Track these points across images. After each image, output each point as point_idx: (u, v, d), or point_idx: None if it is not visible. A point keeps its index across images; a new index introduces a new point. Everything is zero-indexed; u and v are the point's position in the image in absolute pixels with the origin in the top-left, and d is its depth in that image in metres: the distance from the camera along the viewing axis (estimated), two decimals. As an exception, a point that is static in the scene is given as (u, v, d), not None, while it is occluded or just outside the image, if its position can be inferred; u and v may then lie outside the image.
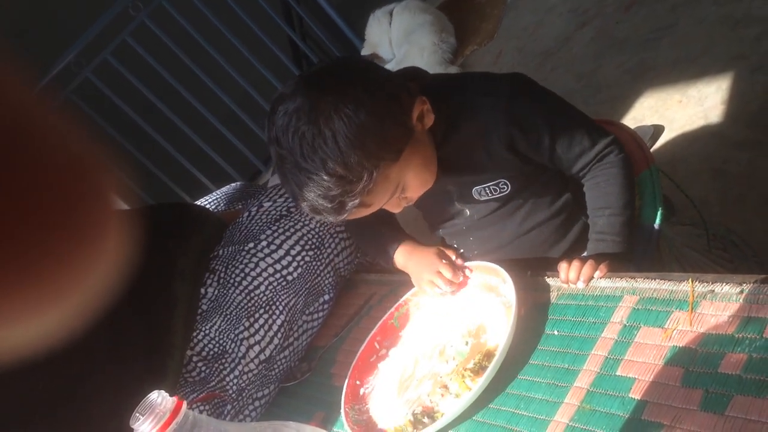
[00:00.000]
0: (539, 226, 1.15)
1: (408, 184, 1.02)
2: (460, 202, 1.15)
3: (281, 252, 1.24)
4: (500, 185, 1.10)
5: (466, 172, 1.10)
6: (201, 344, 1.19)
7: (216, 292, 1.23)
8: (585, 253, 1.08)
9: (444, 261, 1.10)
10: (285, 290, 1.23)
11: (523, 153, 1.06)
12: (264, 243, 1.25)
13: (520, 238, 1.17)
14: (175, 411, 0.68)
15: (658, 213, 1.11)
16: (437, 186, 1.13)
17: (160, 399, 0.69)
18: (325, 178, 0.92)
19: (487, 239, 1.19)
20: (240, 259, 1.25)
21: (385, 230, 1.21)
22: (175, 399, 0.70)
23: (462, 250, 1.23)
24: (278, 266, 1.23)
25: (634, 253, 1.06)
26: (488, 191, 1.11)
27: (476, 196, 1.12)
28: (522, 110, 1.04)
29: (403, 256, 1.17)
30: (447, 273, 1.08)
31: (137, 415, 0.69)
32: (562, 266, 0.96)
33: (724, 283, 0.77)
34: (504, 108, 1.03)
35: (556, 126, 1.04)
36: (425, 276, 1.11)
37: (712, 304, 0.76)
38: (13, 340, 0.30)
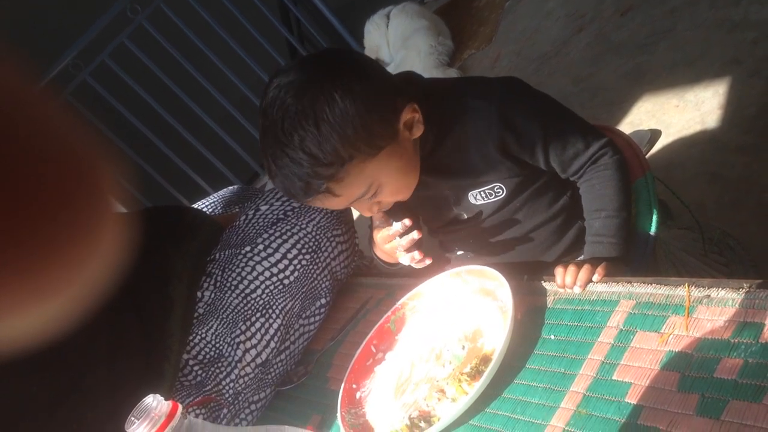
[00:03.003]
0: (537, 229, 1.15)
1: (382, 187, 1.02)
2: (457, 207, 1.15)
3: (278, 255, 1.24)
4: (495, 189, 1.10)
5: (462, 176, 1.10)
6: (197, 348, 1.18)
7: (212, 295, 1.23)
8: (582, 256, 1.08)
9: (379, 231, 1.13)
10: (282, 294, 1.22)
11: (516, 156, 1.06)
12: (261, 246, 1.25)
13: (517, 240, 1.17)
14: (171, 415, 0.68)
15: (653, 220, 1.11)
16: (434, 191, 1.13)
17: (155, 403, 0.69)
18: (300, 155, 0.93)
19: (486, 242, 1.19)
20: (237, 263, 1.24)
21: None
22: (170, 403, 0.69)
23: (461, 252, 1.23)
24: (275, 270, 1.23)
25: (631, 257, 1.06)
26: (484, 195, 1.11)
27: (472, 201, 1.12)
28: (514, 113, 1.03)
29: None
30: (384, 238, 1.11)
31: (132, 418, 0.69)
32: (559, 270, 0.95)
33: (720, 288, 0.77)
34: (496, 111, 1.03)
35: (549, 128, 1.04)
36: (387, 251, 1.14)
37: (708, 309, 0.76)
38: (3, 333, 0.30)
